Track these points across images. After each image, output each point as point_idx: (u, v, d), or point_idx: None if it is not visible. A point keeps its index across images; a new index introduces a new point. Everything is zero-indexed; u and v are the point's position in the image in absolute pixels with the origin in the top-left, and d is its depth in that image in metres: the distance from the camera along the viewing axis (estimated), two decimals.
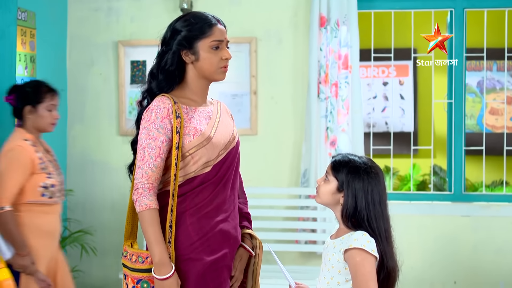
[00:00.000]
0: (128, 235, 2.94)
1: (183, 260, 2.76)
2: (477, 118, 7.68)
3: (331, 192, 2.65)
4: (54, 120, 4.09)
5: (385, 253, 2.59)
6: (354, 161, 2.64)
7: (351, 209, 2.59)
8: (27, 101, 4.02)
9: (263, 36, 5.71)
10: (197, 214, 2.78)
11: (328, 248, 2.68)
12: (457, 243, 5.50)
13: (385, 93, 7.69)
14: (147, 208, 2.69)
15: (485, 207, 5.51)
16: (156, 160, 2.73)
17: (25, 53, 5.26)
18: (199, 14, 2.88)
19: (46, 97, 4.07)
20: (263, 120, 5.73)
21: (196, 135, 2.78)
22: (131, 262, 2.79)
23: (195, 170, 2.78)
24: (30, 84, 4.14)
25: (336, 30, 5.41)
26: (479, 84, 7.61)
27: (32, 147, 3.94)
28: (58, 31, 5.85)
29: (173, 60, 2.82)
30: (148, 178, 2.72)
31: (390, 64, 5.87)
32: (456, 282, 5.50)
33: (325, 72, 5.40)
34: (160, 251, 2.68)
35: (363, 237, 2.54)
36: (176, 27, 2.85)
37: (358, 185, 2.60)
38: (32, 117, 4.02)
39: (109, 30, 5.89)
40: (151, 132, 2.74)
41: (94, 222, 5.82)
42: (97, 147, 5.90)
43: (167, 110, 2.75)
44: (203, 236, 2.78)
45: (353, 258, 2.53)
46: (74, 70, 5.94)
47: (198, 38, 2.82)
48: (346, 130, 5.42)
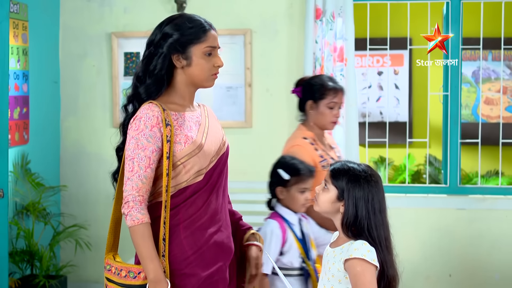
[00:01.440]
0: (109, 247, 2.83)
1: (178, 275, 2.67)
2: (472, 108, 7.65)
3: (330, 201, 2.61)
4: (334, 118, 3.87)
5: (386, 262, 2.56)
6: (354, 169, 2.60)
7: (352, 218, 2.55)
8: (310, 96, 3.87)
9: (258, 28, 5.66)
10: (191, 227, 2.69)
11: (328, 256, 2.65)
12: (452, 236, 5.50)
13: (380, 82, 7.66)
14: (139, 222, 2.57)
15: (481, 200, 5.50)
16: (146, 171, 2.61)
17: (17, 46, 5.20)
18: (193, 18, 2.75)
19: (329, 94, 3.82)
20: (258, 113, 5.69)
21: (187, 143, 2.67)
22: (120, 277, 2.67)
23: (187, 180, 2.68)
24: (316, 78, 3.97)
25: (331, 22, 5.37)
26: (474, 74, 7.58)
27: (311, 146, 3.83)
28: (51, 23, 5.79)
29: (163, 64, 2.70)
30: (138, 190, 2.60)
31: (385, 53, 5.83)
32: (451, 275, 5.50)
33: (320, 65, 5.36)
34: (155, 268, 2.58)
35: (364, 247, 2.51)
36: (167, 30, 2.71)
37: (359, 193, 2.56)
38: (313, 112, 3.88)
39: (102, 22, 5.83)
40: (140, 141, 2.61)
41: (89, 215, 5.79)
42: (90, 139, 5.86)
43: (156, 118, 2.63)
44: (198, 250, 2.69)
45: (354, 268, 2.50)
46: (67, 62, 5.88)
47: (192, 43, 2.70)
48: (341, 122, 5.38)
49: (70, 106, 5.89)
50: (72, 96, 5.89)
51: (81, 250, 5.56)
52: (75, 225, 5.55)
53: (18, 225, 5.12)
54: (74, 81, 5.88)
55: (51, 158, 5.81)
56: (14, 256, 5.09)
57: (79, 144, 5.86)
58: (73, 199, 5.83)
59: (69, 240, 5.54)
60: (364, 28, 5.72)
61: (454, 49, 5.47)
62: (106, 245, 2.83)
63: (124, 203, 2.61)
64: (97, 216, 5.78)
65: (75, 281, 5.76)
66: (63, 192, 5.80)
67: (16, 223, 5.11)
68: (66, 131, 5.89)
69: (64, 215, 5.76)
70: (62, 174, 5.86)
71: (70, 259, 5.69)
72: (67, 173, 5.86)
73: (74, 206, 5.83)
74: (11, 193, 5.16)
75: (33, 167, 5.42)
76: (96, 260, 5.76)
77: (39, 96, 5.58)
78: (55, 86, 5.85)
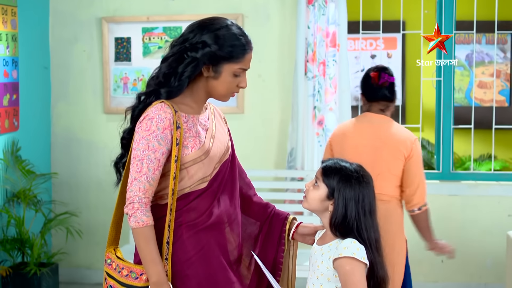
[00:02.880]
0: (111, 241, 2.81)
1: (180, 277, 2.63)
2: (465, 92, 7.62)
3: (320, 199, 2.58)
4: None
5: (376, 263, 2.54)
6: (346, 168, 2.57)
7: (340, 218, 2.53)
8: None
9: (250, 13, 5.61)
10: (194, 228, 2.65)
11: (316, 255, 2.63)
12: (444, 222, 5.49)
13: None
14: (144, 225, 2.54)
15: (473, 186, 5.49)
16: (155, 173, 2.56)
17: (6, 32, 5.15)
18: (237, 36, 2.65)
19: None
20: (250, 99, 5.66)
21: (195, 148, 2.62)
22: (121, 276, 2.65)
23: (190, 186, 2.64)
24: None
25: (324, 7, 5.32)
26: (468, 57, 7.54)
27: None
28: (40, 8, 5.73)
29: (194, 72, 2.62)
30: (145, 192, 2.55)
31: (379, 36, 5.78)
32: (443, 261, 5.50)
33: (312, 50, 5.32)
34: (158, 271, 2.55)
35: (353, 245, 2.49)
36: (207, 39, 2.61)
37: (349, 194, 2.53)
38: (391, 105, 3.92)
39: (93, 6, 5.77)
40: (151, 143, 2.56)
41: (80, 202, 5.77)
42: (81, 125, 5.82)
43: (168, 120, 2.57)
44: (200, 250, 2.65)
45: (343, 267, 2.48)
46: (57, 47, 5.83)
47: (227, 61, 2.61)
48: (334, 109, 5.36)
49: (61, 92, 5.85)
50: (62, 81, 5.84)
51: (72, 238, 5.55)
52: (66, 212, 5.53)
53: (8, 213, 5.09)
54: (65, 67, 5.84)
55: (42, 144, 5.77)
56: (5, 244, 5.07)
57: (70, 131, 5.83)
58: (64, 186, 5.80)
59: (60, 228, 5.52)
60: (357, 11, 5.67)
61: (447, 33, 5.43)
62: (108, 238, 2.80)
63: (128, 204, 2.57)
64: (89, 203, 5.76)
65: (67, 268, 5.74)
66: (54, 180, 5.77)
67: (6, 211, 5.09)
68: (57, 117, 5.85)
69: (55, 202, 5.74)
70: (53, 161, 5.83)
71: (61, 247, 5.67)
72: (58, 159, 5.83)
73: (65, 193, 5.80)
74: (1, 180, 5.14)
75: (24, 154, 5.38)
76: (88, 248, 5.75)
77: (29, 82, 5.53)
78: (46, 72, 5.80)
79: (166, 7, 5.62)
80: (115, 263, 2.69)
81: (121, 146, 2.79)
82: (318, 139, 5.34)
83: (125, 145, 2.76)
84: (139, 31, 5.67)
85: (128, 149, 2.74)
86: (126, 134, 2.75)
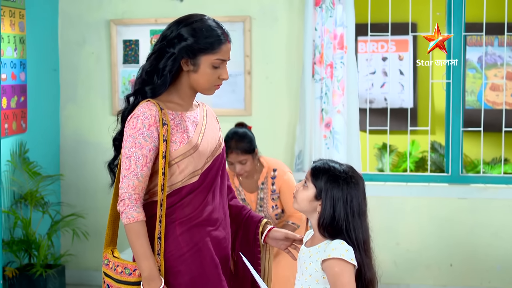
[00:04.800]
0: (108, 242, 2.84)
1: (173, 273, 2.67)
2: (477, 95, 7.56)
3: (308, 199, 2.57)
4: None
5: (364, 265, 2.52)
6: (334, 169, 2.55)
7: (328, 219, 2.51)
8: None
9: (258, 15, 5.59)
10: (187, 224, 2.69)
11: (304, 256, 2.61)
12: (454, 225, 5.45)
13: (384, 68, 7.58)
14: (134, 220, 2.58)
15: (483, 189, 5.44)
16: (143, 169, 2.61)
17: (14, 34, 5.18)
18: (211, 27, 2.71)
19: None
20: (257, 101, 5.65)
21: (183, 143, 2.67)
22: (116, 273, 2.69)
23: (182, 180, 2.68)
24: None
25: (331, 9, 5.29)
26: (480, 60, 7.48)
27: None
28: (49, 11, 5.75)
29: (173, 66, 2.68)
30: (134, 188, 2.60)
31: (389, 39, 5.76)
32: (452, 265, 5.45)
33: (320, 53, 5.30)
34: (149, 266, 2.59)
35: (341, 246, 2.47)
36: (183, 32, 2.68)
37: (337, 194, 2.51)
38: None
39: (101, 9, 5.78)
40: (137, 140, 2.61)
41: (87, 204, 5.78)
42: (90, 127, 5.84)
43: (153, 117, 2.62)
44: (193, 246, 2.68)
45: (332, 269, 2.46)
46: (66, 49, 5.85)
47: (204, 52, 2.68)
48: (342, 111, 5.33)
49: (69, 94, 5.87)
50: (71, 84, 5.86)
51: (78, 240, 5.56)
52: (73, 214, 5.54)
53: (15, 214, 5.11)
54: (73, 69, 5.86)
55: (51, 147, 5.79)
56: (12, 245, 5.09)
57: (78, 133, 5.84)
58: (72, 188, 5.82)
59: (66, 229, 5.54)
60: (367, 14, 5.64)
61: (456, 36, 5.39)
62: (105, 239, 2.85)
63: (120, 201, 2.63)
64: (96, 205, 5.77)
65: (73, 269, 5.76)
66: (62, 182, 5.79)
67: (13, 212, 5.11)
68: (66, 119, 5.87)
69: (63, 204, 5.75)
70: (62, 163, 5.84)
71: (68, 248, 5.69)
72: (67, 162, 5.85)
73: (73, 195, 5.82)
74: (9, 182, 5.16)
75: (32, 156, 5.40)
76: (94, 249, 5.76)
77: (38, 84, 5.55)
78: (55, 74, 5.82)
79: (174, 10, 5.62)
80: (111, 262, 2.74)
81: (113, 148, 2.84)
82: (326, 141, 5.32)
83: (117, 146, 2.82)
84: (147, 33, 5.68)
85: (119, 150, 2.79)
86: (118, 135, 2.81)
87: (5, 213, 5.05)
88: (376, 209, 5.32)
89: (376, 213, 5.08)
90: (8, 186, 5.15)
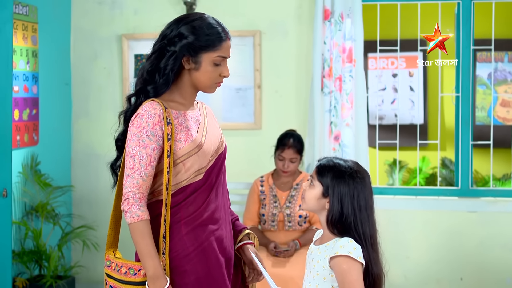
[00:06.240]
0: (110, 243, 2.84)
1: (178, 272, 2.66)
2: (488, 111, 7.56)
3: (316, 198, 2.59)
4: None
5: (371, 260, 2.53)
6: (339, 165, 2.58)
7: (337, 215, 2.53)
8: None
9: (267, 29, 5.65)
10: (192, 223, 2.69)
11: (312, 254, 2.63)
12: (463, 239, 5.44)
13: (394, 85, 7.60)
14: (139, 219, 2.57)
15: (492, 203, 5.43)
16: (147, 168, 2.61)
17: (26, 47, 5.24)
18: (211, 25, 2.73)
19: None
20: (267, 114, 5.68)
21: (187, 142, 2.68)
22: (120, 274, 2.68)
23: (187, 178, 2.68)
24: None
25: (340, 23, 5.34)
26: (490, 76, 7.49)
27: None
28: (62, 25, 5.83)
29: (174, 64, 2.69)
30: (139, 187, 2.60)
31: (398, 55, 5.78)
32: (462, 279, 5.43)
33: (329, 66, 5.33)
34: (154, 265, 2.58)
35: (349, 244, 2.48)
36: (183, 30, 2.69)
37: (343, 190, 2.53)
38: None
39: (113, 24, 5.86)
40: (142, 139, 2.61)
41: (98, 216, 5.81)
42: (101, 141, 5.88)
43: (158, 116, 2.63)
44: (199, 246, 2.68)
45: (339, 266, 2.47)
46: (78, 64, 5.92)
47: (205, 50, 2.69)
48: (350, 124, 5.35)
49: (81, 108, 5.92)
50: (83, 98, 5.92)
51: (88, 251, 5.59)
52: (84, 226, 5.57)
53: (26, 226, 5.15)
54: (85, 83, 5.92)
55: (62, 160, 5.84)
56: (23, 256, 5.12)
57: (90, 146, 5.89)
58: (83, 201, 5.86)
59: (77, 241, 5.57)
60: (376, 30, 5.68)
61: (465, 49, 5.42)
62: (107, 241, 2.85)
63: (124, 200, 2.61)
64: (106, 217, 5.72)
65: (83, 282, 5.78)
66: (73, 194, 5.83)
67: (24, 224, 5.14)
68: (78, 133, 5.92)
69: (74, 216, 5.79)
70: (73, 176, 5.89)
71: (78, 260, 5.71)
72: (78, 174, 5.89)
73: (84, 207, 5.86)
74: (20, 193, 5.20)
75: (44, 169, 5.45)
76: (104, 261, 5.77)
77: (50, 97, 5.61)
78: (67, 88, 5.89)
79: None
80: (114, 263, 2.73)
81: (116, 149, 2.85)
82: (335, 154, 5.34)
83: (120, 147, 2.83)
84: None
85: (122, 151, 2.80)
86: (120, 135, 2.82)
87: (16, 224, 5.09)
88: (386, 222, 5.32)
89: (386, 227, 5.08)
90: (19, 197, 5.19)
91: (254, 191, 4.96)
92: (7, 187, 4.24)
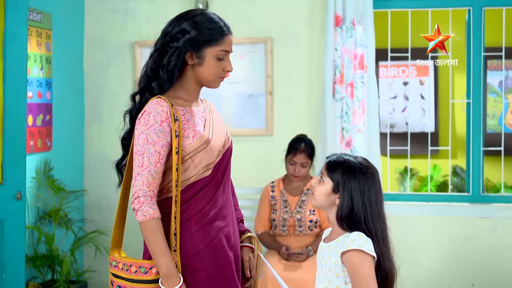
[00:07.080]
0: (115, 243, 2.82)
1: (189, 270, 2.65)
2: (498, 118, 7.56)
3: (326, 193, 2.61)
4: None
5: (382, 255, 2.54)
6: (349, 161, 2.60)
7: (347, 210, 2.54)
8: None
9: (279, 36, 5.68)
10: (202, 221, 2.68)
11: (323, 252, 2.63)
12: (475, 245, 5.43)
13: (405, 93, 7.62)
14: (151, 217, 2.55)
15: (504, 209, 5.43)
16: (157, 166, 2.59)
17: (40, 54, 5.29)
18: (213, 19, 2.74)
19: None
20: (279, 121, 5.70)
21: (195, 138, 2.67)
22: (130, 273, 2.64)
23: (196, 174, 2.67)
24: None
25: (351, 29, 5.37)
26: (501, 84, 7.50)
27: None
28: (75, 32, 5.88)
29: (178, 60, 2.68)
30: (149, 185, 2.58)
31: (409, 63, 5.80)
32: (474, 285, 5.43)
33: (340, 72, 5.36)
34: (167, 263, 2.56)
35: (360, 238, 2.49)
36: (186, 26, 2.70)
37: (354, 185, 2.55)
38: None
39: (126, 31, 5.91)
40: (150, 136, 2.59)
41: (110, 221, 5.82)
42: (113, 147, 5.85)
43: (165, 113, 2.62)
44: (209, 243, 2.68)
45: (351, 260, 2.48)
46: (91, 71, 5.97)
47: (208, 44, 2.69)
48: (362, 130, 5.37)
49: (94, 115, 5.96)
50: (96, 105, 5.96)
51: (101, 256, 5.61)
52: (96, 231, 5.60)
53: (39, 230, 5.18)
54: (98, 90, 5.96)
55: (75, 165, 5.87)
56: (35, 261, 5.14)
57: (103, 153, 5.92)
58: (95, 206, 5.89)
59: (89, 245, 5.60)
60: (387, 39, 5.70)
61: (476, 56, 5.43)
62: (112, 240, 2.82)
63: (134, 199, 2.59)
64: None
65: (96, 287, 5.79)
66: (86, 199, 5.86)
67: (37, 228, 5.18)
68: (90, 139, 5.96)
69: (86, 221, 5.82)
70: (86, 182, 5.92)
71: (90, 265, 5.73)
72: (91, 180, 5.92)
73: (96, 212, 5.89)
74: (33, 198, 5.24)
75: (57, 174, 5.48)
76: None
77: (63, 104, 5.66)
78: (80, 94, 5.93)
79: None
80: (121, 263, 2.69)
81: (121, 147, 2.86)
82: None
83: (126, 146, 2.83)
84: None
85: (128, 149, 2.80)
86: (126, 134, 2.82)
87: (29, 228, 5.12)
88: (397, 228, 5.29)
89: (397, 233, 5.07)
90: (32, 202, 5.23)
91: (265, 196, 4.98)
92: (21, 190, 4.27)
